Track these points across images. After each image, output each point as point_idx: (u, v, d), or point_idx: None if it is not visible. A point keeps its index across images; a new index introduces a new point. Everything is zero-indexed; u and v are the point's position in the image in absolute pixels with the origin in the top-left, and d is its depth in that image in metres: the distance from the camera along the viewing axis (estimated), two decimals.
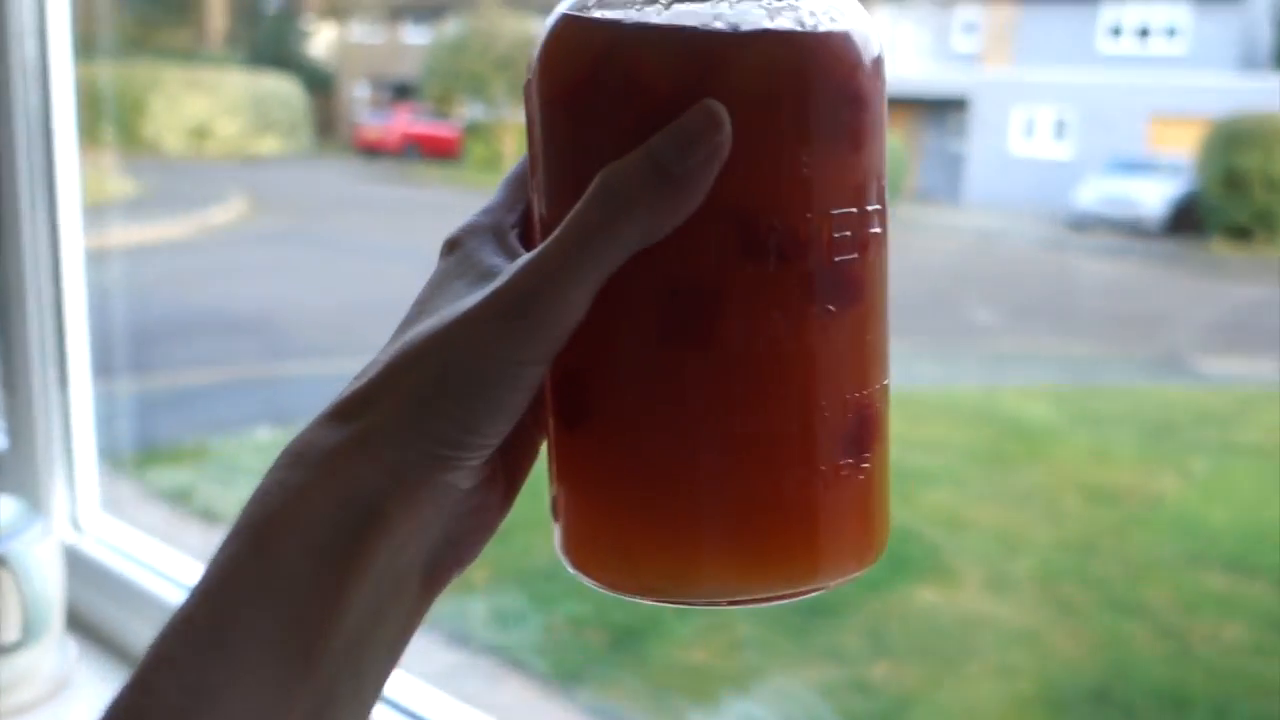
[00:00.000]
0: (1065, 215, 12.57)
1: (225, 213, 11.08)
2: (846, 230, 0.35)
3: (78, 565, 1.24)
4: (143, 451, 3.91)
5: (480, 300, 0.34)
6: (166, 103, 14.56)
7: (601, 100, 0.35)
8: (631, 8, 0.34)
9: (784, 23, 0.34)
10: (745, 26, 0.34)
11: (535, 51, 0.37)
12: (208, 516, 3.11)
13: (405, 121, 16.01)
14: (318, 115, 16.97)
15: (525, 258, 0.34)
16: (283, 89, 15.28)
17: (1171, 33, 12.01)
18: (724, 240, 0.34)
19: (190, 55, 16.29)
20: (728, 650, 2.43)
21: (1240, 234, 9.95)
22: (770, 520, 0.36)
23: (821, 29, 0.34)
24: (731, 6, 0.34)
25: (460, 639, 2.38)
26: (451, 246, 0.38)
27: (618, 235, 0.33)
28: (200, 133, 15.39)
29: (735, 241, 0.34)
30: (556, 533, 0.39)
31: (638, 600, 0.37)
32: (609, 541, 0.37)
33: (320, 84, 16.91)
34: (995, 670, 2.45)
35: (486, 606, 2.52)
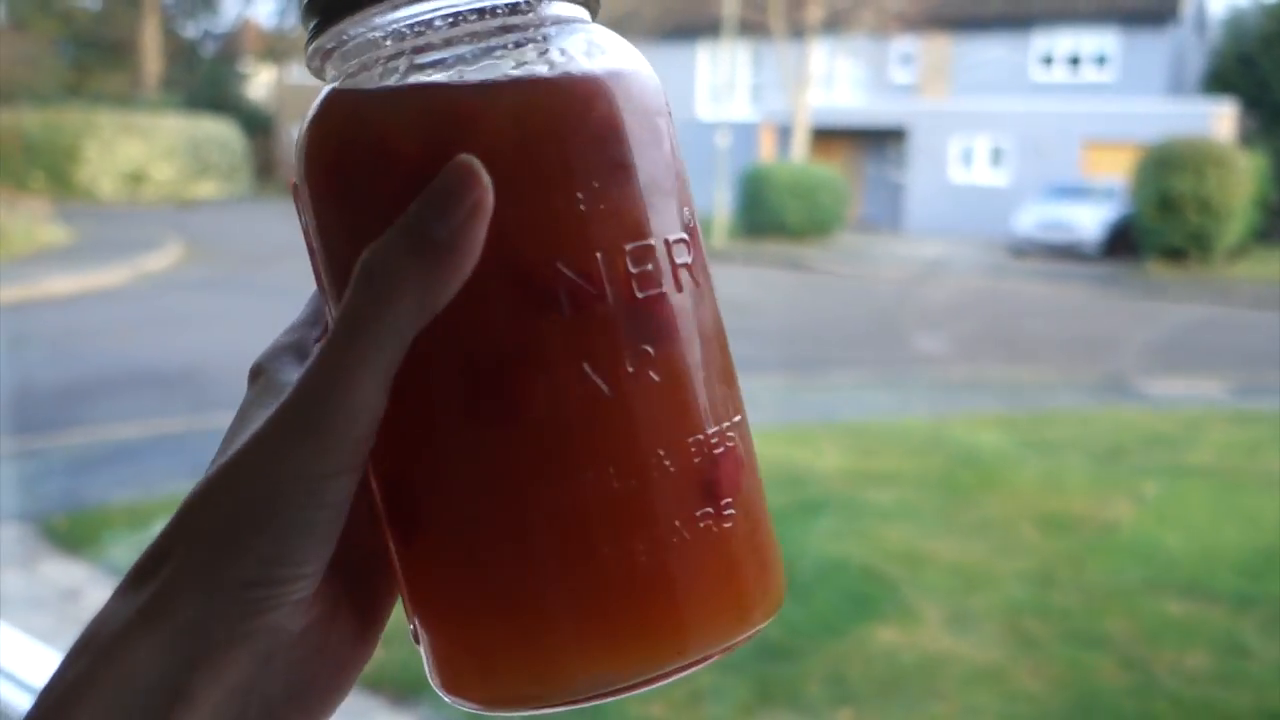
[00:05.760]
0: (1005, 241, 12.82)
1: (161, 259, 10.89)
2: (646, 264, 0.32)
3: None
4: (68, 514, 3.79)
5: (267, 420, 0.31)
6: (101, 148, 14.37)
7: (360, 176, 0.32)
8: (376, 78, 0.33)
9: (530, 70, 0.32)
10: (488, 78, 0.32)
11: (298, 144, 0.34)
12: None
13: None
14: (257, 158, 16.83)
15: (306, 365, 0.31)
16: (221, 132, 15.17)
17: (1101, 61, 12.35)
18: (511, 298, 0.31)
19: (126, 100, 16.13)
20: (687, 703, 2.37)
21: (1175, 255, 10.21)
22: (628, 595, 0.32)
23: (572, 70, 0.33)
24: (472, 62, 0.32)
25: None
26: (255, 375, 0.35)
27: (390, 319, 0.30)
28: (136, 177, 15.20)
29: (524, 296, 0.31)
30: (424, 660, 0.35)
31: (518, 713, 0.34)
32: (471, 656, 0.34)
33: (260, 126, 16.79)
34: (960, 712, 2.42)
35: None
